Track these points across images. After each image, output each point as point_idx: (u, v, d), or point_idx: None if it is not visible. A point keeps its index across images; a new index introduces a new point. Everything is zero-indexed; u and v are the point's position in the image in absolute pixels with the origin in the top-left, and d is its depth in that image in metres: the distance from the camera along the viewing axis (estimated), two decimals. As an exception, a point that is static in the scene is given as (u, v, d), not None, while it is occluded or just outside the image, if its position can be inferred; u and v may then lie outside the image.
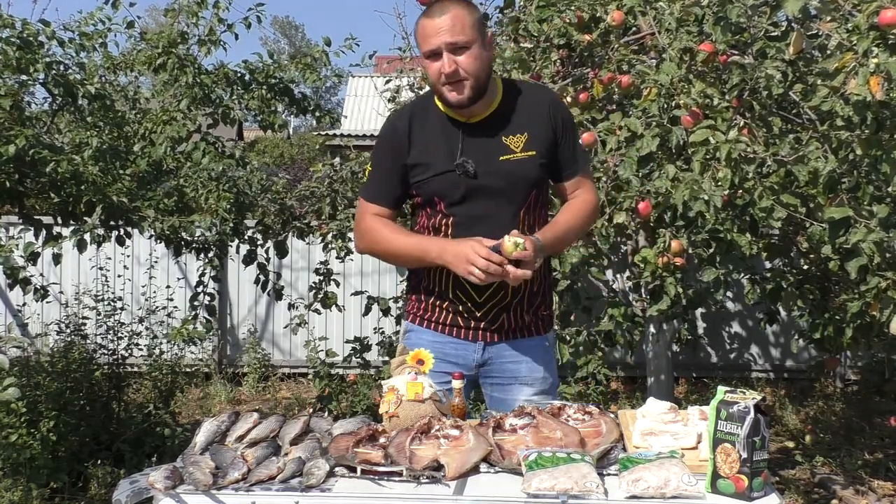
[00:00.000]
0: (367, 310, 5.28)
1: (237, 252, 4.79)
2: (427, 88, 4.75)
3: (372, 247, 2.29)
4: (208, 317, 4.72)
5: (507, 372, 2.30)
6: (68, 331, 4.89)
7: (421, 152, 2.20)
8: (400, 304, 5.45)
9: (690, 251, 3.53)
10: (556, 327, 2.49)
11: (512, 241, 2.01)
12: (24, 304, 6.17)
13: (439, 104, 2.22)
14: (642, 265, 3.45)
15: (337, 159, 7.35)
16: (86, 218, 3.84)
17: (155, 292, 6.18)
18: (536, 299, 2.29)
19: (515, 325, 2.27)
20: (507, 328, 2.27)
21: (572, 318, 3.96)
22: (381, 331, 5.70)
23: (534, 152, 2.19)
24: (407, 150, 2.21)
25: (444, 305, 2.26)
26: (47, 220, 3.97)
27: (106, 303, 5.17)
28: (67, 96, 3.94)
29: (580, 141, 2.42)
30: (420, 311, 2.32)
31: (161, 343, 5.64)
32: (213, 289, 4.77)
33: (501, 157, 2.18)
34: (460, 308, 2.24)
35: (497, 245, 2.02)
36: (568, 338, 3.98)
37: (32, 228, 3.81)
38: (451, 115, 2.20)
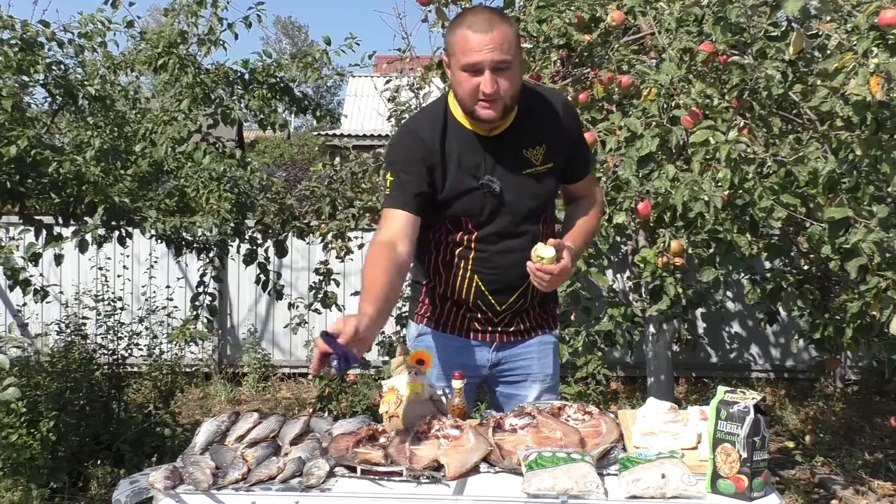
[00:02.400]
0: (367, 310, 5.28)
1: (237, 252, 4.80)
2: (425, 90, 4.77)
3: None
4: (209, 317, 4.73)
5: (518, 370, 2.32)
6: (68, 331, 4.89)
7: (446, 167, 2.13)
8: (400, 303, 5.45)
9: (690, 251, 3.53)
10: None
11: (536, 255, 2.03)
12: (24, 304, 6.16)
13: (457, 116, 2.14)
14: (642, 265, 3.45)
15: (337, 159, 7.35)
16: (87, 218, 3.84)
17: (155, 292, 6.18)
18: (549, 300, 2.33)
19: (529, 325, 2.30)
20: (522, 329, 2.29)
21: (572, 318, 3.96)
22: (381, 331, 5.70)
23: (552, 164, 2.18)
24: (438, 166, 2.12)
25: (461, 312, 2.27)
26: (48, 220, 3.98)
27: (106, 303, 5.17)
28: (68, 97, 3.94)
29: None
30: (435, 316, 2.30)
31: (161, 343, 5.64)
32: (214, 289, 4.78)
33: (524, 172, 2.16)
34: (479, 315, 2.25)
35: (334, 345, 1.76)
36: (568, 338, 3.98)
37: (33, 229, 3.81)
38: (470, 128, 2.14)
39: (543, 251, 2.04)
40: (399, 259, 2.03)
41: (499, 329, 2.27)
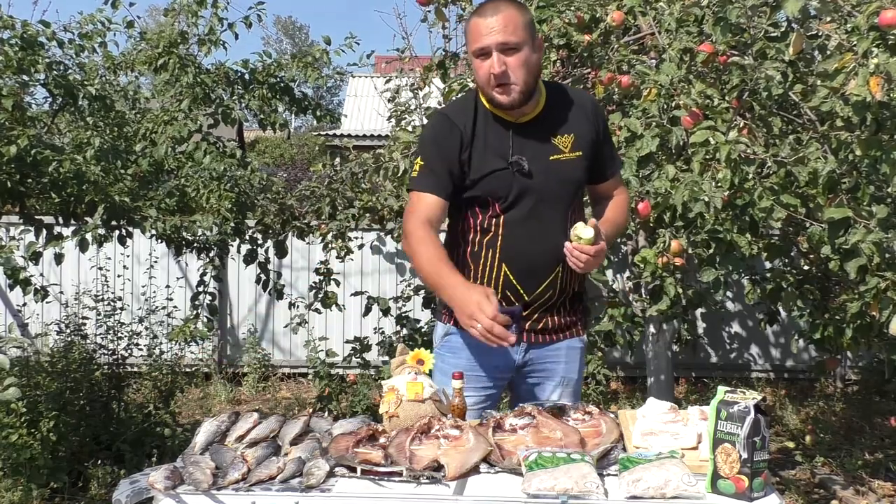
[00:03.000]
0: (367, 310, 5.30)
1: (237, 252, 4.80)
2: (425, 90, 4.77)
3: (410, 254, 2.20)
4: (209, 316, 4.73)
5: (545, 372, 2.31)
6: (68, 331, 4.89)
7: (477, 152, 2.19)
8: (400, 303, 5.46)
9: (690, 251, 3.53)
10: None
11: (575, 234, 2.05)
12: (24, 304, 6.17)
13: (486, 104, 2.20)
14: (642, 265, 3.45)
15: (337, 159, 7.35)
16: (87, 218, 3.84)
17: (155, 292, 6.18)
18: (578, 299, 2.32)
19: (557, 325, 2.28)
20: (551, 329, 2.28)
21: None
22: (381, 331, 5.71)
23: (580, 153, 2.22)
24: (467, 148, 2.18)
25: None
26: (48, 220, 3.98)
27: (106, 303, 5.17)
28: (68, 97, 3.94)
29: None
30: None
31: (161, 343, 5.64)
32: (214, 288, 4.78)
33: (552, 157, 2.19)
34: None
35: (509, 310, 2.02)
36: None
37: (33, 228, 3.81)
38: (498, 115, 2.19)
39: (583, 231, 2.04)
40: (437, 236, 2.17)
41: (526, 327, 2.25)
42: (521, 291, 2.21)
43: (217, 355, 6.99)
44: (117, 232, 3.99)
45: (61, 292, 5.92)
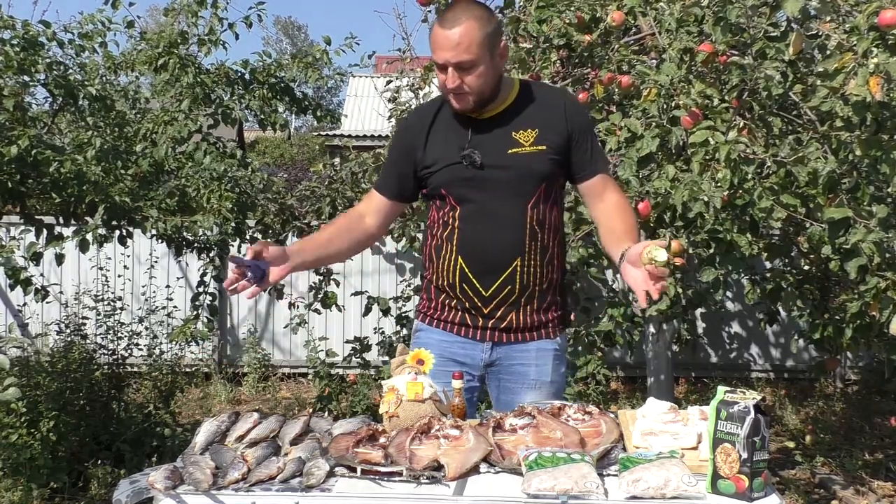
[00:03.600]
0: (367, 310, 5.30)
1: (238, 251, 4.80)
2: (425, 90, 4.77)
3: None
4: (210, 316, 4.73)
5: (514, 374, 2.28)
6: (68, 331, 4.89)
7: (432, 147, 2.23)
8: (400, 303, 5.47)
9: (690, 251, 3.53)
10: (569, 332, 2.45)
11: (650, 256, 1.88)
12: (25, 304, 6.17)
13: None
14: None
15: (337, 159, 7.35)
16: (87, 218, 3.85)
17: (155, 292, 6.18)
18: (546, 298, 2.26)
19: (524, 325, 2.25)
20: (516, 328, 2.25)
21: (572, 318, 3.96)
22: (381, 331, 5.72)
23: (544, 147, 2.18)
24: (420, 146, 2.24)
25: (453, 304, 2.26)
26: (48, 220, 3.98)
27: (106, 303, 5.17)
28: (68, 97, 3.95)
29: (598, 143, 2.39)
30: (430, 311, 2.32)
31: (161, 343, 5.64)
32: (214, 288, 4.78)
33: (510, 151, 2.18)
34: (468, 305, 2.24)
35: (251, 262, 2.06)
36: (567, 338, 3.97)
37: (34, 229, 3.81)
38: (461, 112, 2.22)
39: (658, 254, 1.87)
40: (360, 226, 2.31)
41: (490, 325, 2.24)
42: (478, 286, 2.21)
43: (217, 355, 6.99)
44: (118, 232, 3.99)
45: (61, 292, 5.92)
